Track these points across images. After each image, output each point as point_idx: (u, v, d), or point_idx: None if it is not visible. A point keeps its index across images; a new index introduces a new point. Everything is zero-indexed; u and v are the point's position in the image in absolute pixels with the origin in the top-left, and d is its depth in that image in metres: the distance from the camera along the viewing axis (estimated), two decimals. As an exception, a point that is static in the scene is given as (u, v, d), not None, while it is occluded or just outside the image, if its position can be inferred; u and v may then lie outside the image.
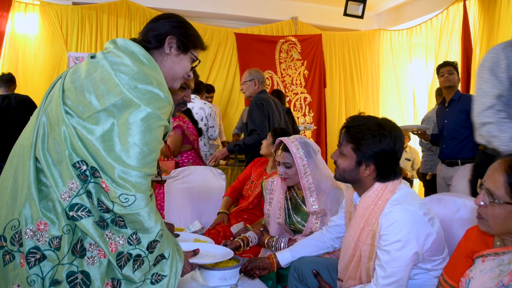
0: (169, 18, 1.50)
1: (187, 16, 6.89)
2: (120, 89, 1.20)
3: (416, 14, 7.05)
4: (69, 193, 1.18)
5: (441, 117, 4.12)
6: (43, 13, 6.00)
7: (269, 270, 2.03)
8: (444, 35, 6.25)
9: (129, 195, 1.17)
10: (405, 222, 1.55)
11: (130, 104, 1.19)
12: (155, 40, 1.43)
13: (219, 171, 3.46)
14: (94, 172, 1.19)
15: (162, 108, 1.26)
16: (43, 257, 1.18)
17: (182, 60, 1.49)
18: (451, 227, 1.94)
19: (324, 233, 2.10)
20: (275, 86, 7.37)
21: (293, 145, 2.29)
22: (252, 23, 7.43)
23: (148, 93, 1.23)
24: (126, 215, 1.18)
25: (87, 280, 1.19)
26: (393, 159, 1.68)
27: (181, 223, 3.23)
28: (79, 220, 1.18)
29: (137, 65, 1.26)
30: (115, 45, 1.33)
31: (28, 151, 1.25)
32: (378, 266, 1.58)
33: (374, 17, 7.99)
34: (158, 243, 1.26)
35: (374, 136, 1.66)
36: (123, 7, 6.40)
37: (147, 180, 1.21)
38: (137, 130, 1.19)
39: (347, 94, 7.79)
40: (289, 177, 2.33)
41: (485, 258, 1.38)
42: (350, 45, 7.79)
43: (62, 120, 1.22)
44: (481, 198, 1.36)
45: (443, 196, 2.07)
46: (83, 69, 1.30)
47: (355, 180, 1.74)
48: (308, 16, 7.56)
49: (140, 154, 1.19)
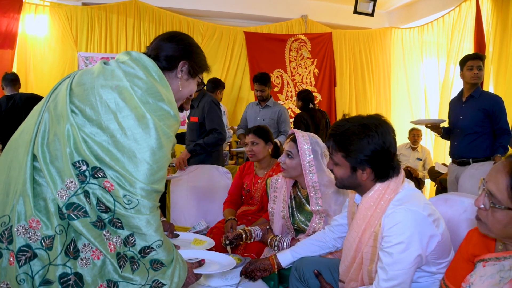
0: (182, 41, 1.51)
1: (197, 15, 6.94)
2: (135, 103, 1.22)
3: (428, 12, 6.96)
4: (67, 192, 1.17)
5: (455, 111, 3.81)
6: (53, 14, 6.06)
7: (270, 271, 2.01)
8: (456, 33, 6.16)
9: (133, 198, 1.18)
10: (408, 223, 1.50)
11: (142, 118, 1.21)
12: (166, 62, 1.45)
13: (225, 170, 3.44)
14: (96, 172, 1.19)
15: (171, 125, 1.28)
16: (34, 255, 1.16)
17: (191, 83, 1.53)
18: (457, 228, 1.89)
19: (326, 232, 2.06)
20: (285, 85, 7.34)
21: (302, 138, 2.26)
22: (262, 22, 7.42)
23: (159, 110, 1.25)
24: (125, 216, 1.19)
25: (80, 282, 1.18)
26: (387, 156, 1.63)
27: (186, 222, 3.22)
28: (74, 220, 1.17)
29: (151, 80, 1.28)
30: (130, 57, 1.35)
31: (27, 146, 1.24)
32: (380, 268, 1.53)
33: (385, 15, 7.91)
34: (152, 251, 1.25)
35: (361, 139, 1.60)
36: (132, 7, 6.43)
37: (153, 195, 1.22)
38: (147, 147, 1.21)
39: (358, 93, 7.73)
40: (287, 167, 2.30)
41: (485, 262, 1.31)
42: (361, 43, 7.72)
43: (67, 118, 1.22)
44: (481, 200, 1.25)
45: (449, 196, 2.02)
46: (96, 73, 1.31)
47: (356, 185, 1.69)
48: (318, 14, 7.52)
49: (149, 171, 1.20)
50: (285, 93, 7.33)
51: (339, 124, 1.70)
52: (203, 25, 6.90)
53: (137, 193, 1.18)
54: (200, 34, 6.89)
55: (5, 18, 5.80)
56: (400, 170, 1.68)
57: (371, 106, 7.70)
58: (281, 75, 7.37)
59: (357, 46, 7.70)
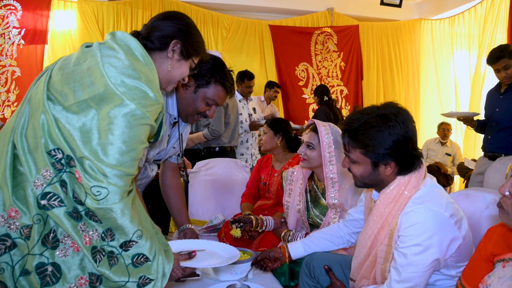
0: (177, 19, 1.46)
1: (221, 9, 6.93)
2: (105, 81, 1.16)
3: (459, 2, 6.73)
4: (42, 181, 1.15)
5: (492, 103, 3.54)
6: (80, 9, 6.18)
7: (281, 261, 1.94)
8: (489, 23, 5.94)
9: (102, 187, 1.12)
10: (427, 225, 1.40)
11: (113, 97, 1.15)
12: (158, 41, 1.40)
13: (243, 163, 3.42)
14: (70, 161, 1.16)
15: (149, 106, 1.20)
16: (13, 245, 1.16)
17: (182, 65, 1.46)
18: (479, 225, 1.79)
19: (341, 226, 1.98)
20: (311, 79, 7.25)
21: (324, 128, 2.19)
22: (287, 15, 7.33)
23: (134, 89, 1.18)
24: (98, 210, 1.14)
25: (57, 273, 1.16)
26: (410, 145, 1.50)
27: (204, 216, 3.21)
28: (51, 209, 1.15)
29: (129, 59, 1.22)
30: (113, 37, 1.30)
31: (9, 135, 1.23)
32: (393, 268, 1.45)
33: (415, 6, 7.68)
34: (134, 244, 1.21)
35: (381, 131, 1.48)
36: (157, 2, 6.47)
37: (124, 179, 1.16)
38: (117, 126, 1.14)
39: (386, 86, 7.56)
40: (307, 159, 2.24)
41: (506, 263, 1.21)
42: (389, 35, 7.53)
43: (42, 106, 1.19)
44: (507, 187, 1.16)
45: (471, 192, 1.91)
46: (74, 58, 1.28)
47: (378, 181, 1.57)
48: (344, 7, 7.37)
49: (118, 152, 1.14)
50: (311, 87, 7.24)
51: (353, 118, 1.56)
52: (227, 19, 6.88)
53: (106, 180, 1.12)
54: (225, 28, 6.87)
55: (35, 15, 5.98)
56: (422, 161, 1.56)
57: (400, 99, 7.50)
58: (307, 68, 7.27)
59: (385, 39, 7.52)
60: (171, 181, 2.20)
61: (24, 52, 5.93)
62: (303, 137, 2.30)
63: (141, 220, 1.26)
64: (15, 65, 5.89)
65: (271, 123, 3.05)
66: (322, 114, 5.15)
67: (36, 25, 5.98)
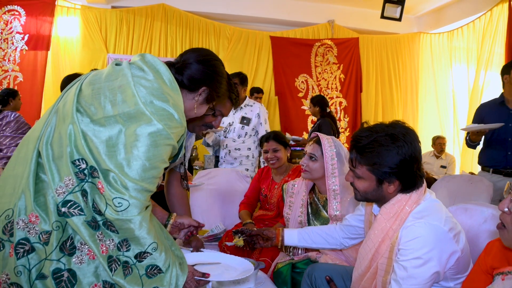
0: (211, 67, 1.51)
1: (223, 19, 7.00)
2: (136, 100, 1.22)
3: (458, 16, 6.82)
4: (64, 189, 1.20)
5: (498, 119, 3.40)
6: (83, 16, 6.25)
7: (272, 242, 1.99)
8: (487, 38, 6.02)
9: (123, 199, 1.17)
10: (428, 239, 1.44)
11: (141, 116, 1.21)
12: (188, 81, 1.46)
13: (244, 174, 3.44)
14: (93, 171, 1.20)
15: (173, 128, 1.26)
16: (32, 249, 1.19)
17: (203, 107, 1.54)
18: (477, 239, 1.82)
19: (337, 229, 2.01)
20: (310, 90, 7.31)
21: (327, 141, 2.25)
22: (288, 26, 7.42)
23: (162, 110, 1.24)
24: (116, 220, 1.18)
25: (73, 279, 1.19)
26: (415, 164, 1.55)
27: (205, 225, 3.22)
28: (70, 217, 1.19)
29: (158, 82, 1.29)
30: (142, 59, 1.36)
31: (34, 143, 1.28)
32: (393, 280, 1.48)
33: (414, 19, 7.78)
34: (149, 255, 1.24)
35: (389, 150, 1.51)
36: (160, 10, 6.55)
37: (143, 194, 1.21)
38: (143, 143, 1.20)
39: (385, 99, 7.63)
40: (309, 170, 2.28)
41: (505, 276, 1.25)
42: (389, 48, 7.63)
43: (71, 117, 1.25)
44: (506, 203, 1.21)
45: (469, 206, 1.95)
46: (105, 74, 1.34)
47: (380, 198, 1.61)
48: (345, 19, 7.46)
49: (141, 168, 1.20)
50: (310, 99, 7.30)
51: (362, 134, 1.59)
52: (229, 29, 6.95)
53: (128, 193, 1.17)
54: (227, 38, 6.94)
55: (39, 21, 6.04)
56: (423, 180, 1.61)
57: (398, 112, 7.58)
58: (306, 80, 7.34)
59: (384, 52, 7.61)
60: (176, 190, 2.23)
61: (27, 57, 5.98)
62: (306, 148, 2.34)
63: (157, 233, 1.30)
64: (18, 71, 5.94)
65: (278, 138, 3.00)
66: (328, 128, 5.09)
67: (40, 31, 6.04)
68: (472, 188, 3.19)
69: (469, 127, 3.55)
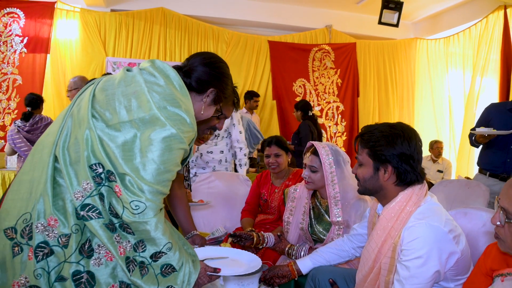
0: (217, 69, 1.56)
1: (222, 23, 7.04)
2: (150, 106, 1.25)
3: (454, 23, 6.90)
4: (83, 193, 1.22)
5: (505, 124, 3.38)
6: (83, 19, 6.25)
7: (288, 278, 2.03)
8: (483, 44, 6.10)
9: (140, 202, 1.20)
10: (428, 239, 1.49)
11: (156, 121, 1.25)
12: (196, 83, 1.50)
13: (245, 177, 3.46)
14: (110, 175, 1.23)
15: (186, 132, 1.30)
16: (51, 252, 1.22)
17: (210, 109, 1.58)
18: (476, 242, 1.87)
19: (345, 241, 2.06)
20: (308, 95, 7.36)
21: (324, 150, 2.28)
22: (286, 31, 7.48)
23: (175, 115, 1.28)
24: (133, 223, 1.21)
25: (92, 280, 1.22)
26: (411, 160, 1.65)
27: (205, 228, 3.24)
28: (89, 220, 1.22)
29: (170, 88, 1.32)
30: (152, 64, 1.40)
31: (50, 148, 1.30)
32: (396, 280, 1.53)
33: (411, 25, 7.86)
34: (164, 255, 1.28)
35: (387, 137, 1.65)
36: (159, 14, 6.57)
37: (158, 197, 1.24)
38: (157, 147, 1.23)
39: (381, 103, 7.69)
40: (312, 181, 2.32)
41: (504, 277, 1.30)
42: (385, 54, 7.70)
43: (87, 122, 1.27)
44: (497, 218, 1.26)
45: (469, 210, 2.00)
46: (117, 79, 1.37)
47: (377, 188, 1.70)
48: (342, 25, 7.53)
49: (156, 171, 1.23)
50: (294, 104, 7.36)
51: (369, 126, 1.77)
52: (228, 33, 6.99)
53: (145, 196, 1.20)
54: (225, 42, 6.98)
55: (38, 23, 6.03)
56: (423, 181, 1.68)
57: (394, 117, 7.65)
58: (304, 84, 7.39)
59: (381, 57, 7.68)
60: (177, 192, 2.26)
61: (26, 60, 5.97)
62: (305, 160, 2.38)
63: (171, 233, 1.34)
64: (17, 73, 5.93)
65: (280, 144, 3.04)
66: (306, 129, 5.27)
67: (39, 34, 6.04)
68: (469, 193, 3.23)
69: (480, 131, 3.49)
